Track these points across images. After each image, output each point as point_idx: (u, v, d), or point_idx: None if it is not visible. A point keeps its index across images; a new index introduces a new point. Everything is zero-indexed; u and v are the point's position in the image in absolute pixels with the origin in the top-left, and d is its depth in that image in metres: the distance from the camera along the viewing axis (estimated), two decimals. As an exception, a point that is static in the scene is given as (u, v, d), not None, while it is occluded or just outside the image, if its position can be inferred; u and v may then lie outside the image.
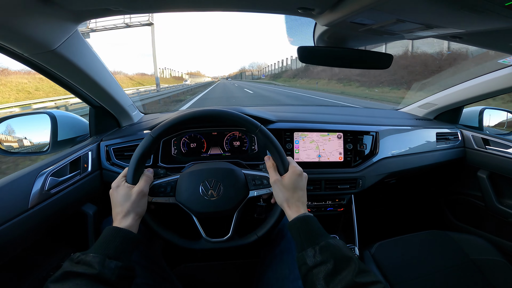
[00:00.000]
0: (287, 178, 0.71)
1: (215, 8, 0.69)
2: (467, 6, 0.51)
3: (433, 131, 1.41)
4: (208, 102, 14.22)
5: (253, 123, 0.76)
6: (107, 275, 0.52)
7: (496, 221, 1.38)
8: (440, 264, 1.05)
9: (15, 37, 0.63)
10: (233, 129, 1.19)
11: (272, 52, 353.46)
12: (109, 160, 1.08)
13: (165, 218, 0.84)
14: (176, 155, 1.16)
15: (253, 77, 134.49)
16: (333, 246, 0.58)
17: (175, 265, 1.13)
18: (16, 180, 0.77)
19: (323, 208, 1.29)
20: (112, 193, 0.69)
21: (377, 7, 0.54)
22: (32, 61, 0.75)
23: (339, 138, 1.22)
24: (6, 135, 0.95)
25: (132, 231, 0.63)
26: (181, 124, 0.75)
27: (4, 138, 0.95)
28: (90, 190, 1.01)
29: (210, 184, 0.77)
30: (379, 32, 0.73)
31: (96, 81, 0.93)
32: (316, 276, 0.55)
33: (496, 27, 0.62)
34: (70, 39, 0.75)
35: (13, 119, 0.96)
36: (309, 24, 0.84)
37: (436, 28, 0.66)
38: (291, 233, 0.66)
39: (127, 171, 0.71)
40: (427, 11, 0.56)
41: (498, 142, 1.33)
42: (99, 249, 0.56)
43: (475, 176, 1.44)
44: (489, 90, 1.25)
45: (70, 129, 1.08)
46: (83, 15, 0.70)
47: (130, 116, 1.25)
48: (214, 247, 0.79)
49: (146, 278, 0.73)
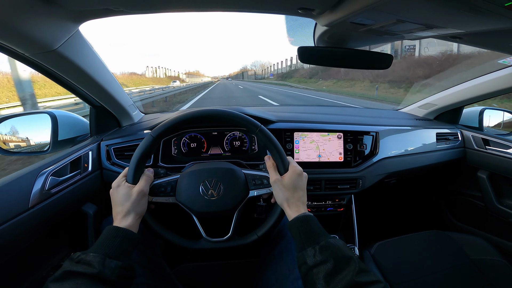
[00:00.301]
0: (287, 178, 0.71)
1: (216, 9, 0.69)
2: (467, 7, 0.51)
3: (433, 131, 1.41)
4: (207, 102, 13.98)
5: (253, 123, 0.76)
6: (107, 274, 0.52)
7: (496, 221, 1.38)
8: (440, 265, 1.04)
9: (16, 37, 0.63)
10: (233, 129, 1.19)
11: (276, 51, 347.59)
12: (109, 160, 1.08)
13: (165, 218, 0.84)
14: (176, 155, 1.16)
15: (257, 76, 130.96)
16: (333, 246, 0.58)
17: (175, 265, 1.13)
18: (17, 179, 0.77)
19: (323, 208, 1.29)
20: (113, 192, 0.69)
21: (377, 7, 0.54)
22: (33, 61, 0.75)
23: (339, 138, 1.22)
24: (7, 134, 0.96)
25: (132, 231, 0.63)
26: (182, 124, 0.75)
27: (4, 138, 0.95)
28: (90, 190, 1.01)
29: (210, 184, 0.77)
30: (379, 32, 0.73)
31: (97, 81, 0.93)
32: (316, 276, 0.55)
33: (496, 28, 0.63)
34: (71, 39, 0.75)
35: (13, 118, 0.96)
36: (309, 25, 0.84)
37: (436, 28, 0.66)
38: (291, 232, 0.66)
39: (127, 171, 0.71)
40: (427, 11, 0.57)
41: (498, 143, 1.33)
42: (99, 249, 0.56)
43: (475, 176, 1.44)
44: (489, 91, 1.25)
45: (71, 129, 1.08)
46: (84, 15, 0.70)
47: (131, 116, 1.25)
48: (214, 246, 0.79)
49: (146, 277, 0.73)
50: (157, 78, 71.45)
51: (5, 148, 0.95)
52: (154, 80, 53.37)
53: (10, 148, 0.96)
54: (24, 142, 0.99)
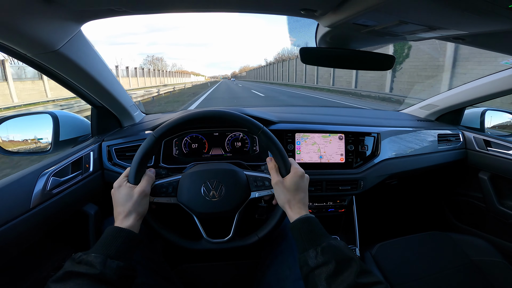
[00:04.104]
0: (289, 179, 0.71)
1: (218, 9, 0.69)
2: (471, 8, 0.51)
3: (435, 133, 1.41)
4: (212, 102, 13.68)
5: (256, 125, 0.76)
6: (109, 275, 0.52)
7: (497, 223, 1.38)
8: (441, 266, 1.04)
9: (19, 37, 0.63)
10: (234, 130, 1.19)
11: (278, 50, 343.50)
12: (110, 160, 1.08)
13: (166, 219, 0.84)
14: (178, 156, 1.16)
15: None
16: (335, 247, 0.58)
17: (175, 265, 1.13)
18: (18, 180, 0.77)
19: (324, 209, 1.29)
20: (114, 193, 0.69)
21: (380, 8, 0.54)
22: (35, 61, 0.75)
23: (341, 139, 1.22)
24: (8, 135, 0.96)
25: (134, 231, 0.63)
26: (184, 125, 0.75)
27: (6, 138, 0.95)
28: (91, 190, 1.01)
29: (212, 184, 0.77)
30: (382, 33, 0.73)
31: (98, 81, 0.93)
32: (318, 277, 0.55)
33: (499, 29, 0.62)
34: (73, 40, 0.75)
35: (15, 119, 0.96)
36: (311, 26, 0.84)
37: (439, 29, 0.66)
38: (293, 234, 0.66)
39: (129, 171, 0.71)
40: (430, 12, 0.56)
41: (500, 144, 1.33)
42: (100, 249, 0.56)
43: (476, 177, 1.44)
44: (491, 92, 1.25)
45: (72, 129, 1.08)
46: (86, 16, 0.70)
47: (132, 117, 1.25)
48: (215, 247, 0.79)
49: (147, 278, 0.73)
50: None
51: (6, 148, 0.95)
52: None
53: (11, 149, 0.96)
54: (26, 143, 0.99)
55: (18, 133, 0.98)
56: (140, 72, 33.13)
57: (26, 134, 1.00)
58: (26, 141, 1.00)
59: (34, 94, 14.69)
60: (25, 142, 0.99)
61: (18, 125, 0.98)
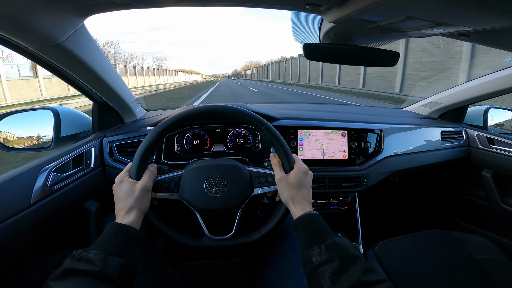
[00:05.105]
0: (293, 176, 0.70)
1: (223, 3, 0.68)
2: (479, 4, 0.50)
3: (438, 130, 1.40)
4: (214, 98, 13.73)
5: (259, 120, 0.75)
6: (109, 272, 0.51)
7: (499, 221, 1.38)
8: (443, 264, 1.04)
9: (21, 31, 0.63)
10: (236, 126, 1.18)
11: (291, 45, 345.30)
12: (112, 156, 1.07)
13: (168, 215, 0.84)
14: (179, 152, 1.15)
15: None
16: (339, 245, 0.58)
17: (177, 263, 1.12)
18: (18, 176, 0.77)
19: (327, 206, 1.28)
20: (115, 188, 0.68)
21: (387, 3, 0.53)
22: (37, 55, 0.75)
23: (344, 136, 1.21)
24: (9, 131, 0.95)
25: (135, 228, 0.62)
26: (186, 120, 0.74)
27: (7, 134, 0.95)
28: (92, 187, 1.01)
29: (214, 180, 0.77)
30: (387, 29, 0.72)
31: (100, 76, 0.92)
32: (322, 275, 0.54)
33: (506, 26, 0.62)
34: (76, 33, 0.74)
35: (16, 114, 0.96)
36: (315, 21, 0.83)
37: (445, 25, 0.65)
38: (296, 231, 0.65)
39: (130, 166, 0.71)
40: (437, 8, 0.56)
41: (503, 142, 1.32)
42: (101, 246, 0.55)
43: (479, 175, 1.43)
44: (494, 89, 1.24)
45: (73, 125, 1.08)
46: (90, 9, 0.69)
47: (133, 112, 1.25)
48: (216, 245, 0.78)
49: (147, 275, 0.73)
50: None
51: (7, 144, 0.94)
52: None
53: (12, 145, 0.95)
54: (26, 138, 0.98)
55: (19, 129, 0.97)
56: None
57: (27, 130, 0.99)
58: (27, 137, 0.99)
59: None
60: (26, 138, 0.99)
61: (19, 121, 0.97)
